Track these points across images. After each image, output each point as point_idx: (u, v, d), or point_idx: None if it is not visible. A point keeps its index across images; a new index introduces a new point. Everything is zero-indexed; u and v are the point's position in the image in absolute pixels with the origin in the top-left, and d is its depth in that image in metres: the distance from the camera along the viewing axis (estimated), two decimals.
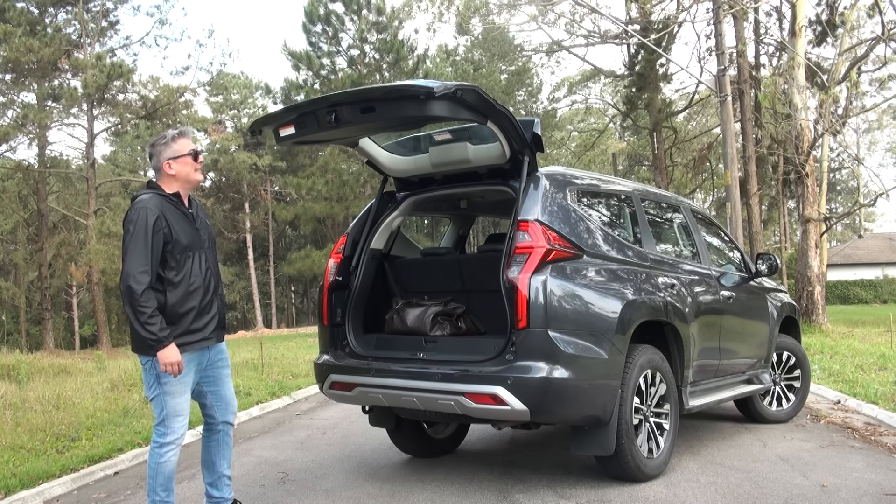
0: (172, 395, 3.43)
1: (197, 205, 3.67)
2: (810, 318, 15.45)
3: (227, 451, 3.73)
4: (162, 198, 3.46)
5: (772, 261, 5.84)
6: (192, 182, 3.59)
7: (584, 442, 4.07)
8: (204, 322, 3.52)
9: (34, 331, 34.04)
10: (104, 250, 24.63)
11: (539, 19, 23.04)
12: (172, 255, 3.40)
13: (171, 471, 3.46)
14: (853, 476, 4.36)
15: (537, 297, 3.69)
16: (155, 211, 3.35)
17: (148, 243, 3.29)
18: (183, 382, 3.45)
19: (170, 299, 3.39)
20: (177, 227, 3.42)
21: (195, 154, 3.56)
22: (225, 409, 3.71)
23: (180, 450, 3.53)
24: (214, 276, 3.59)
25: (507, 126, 3.92)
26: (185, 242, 3.44)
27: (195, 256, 3.49)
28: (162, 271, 3.39)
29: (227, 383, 3.73)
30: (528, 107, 39.77)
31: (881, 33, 15.08)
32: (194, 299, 3.46)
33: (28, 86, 26.97)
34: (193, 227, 3.53)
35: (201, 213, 3.67)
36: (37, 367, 12.43)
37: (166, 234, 3.37)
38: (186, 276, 3.44)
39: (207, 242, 3.60)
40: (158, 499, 3.46)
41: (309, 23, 28.19)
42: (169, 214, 3.42)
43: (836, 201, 53.25)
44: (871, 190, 32.42)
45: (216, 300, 3.59)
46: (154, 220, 3.33)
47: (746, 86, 18.76)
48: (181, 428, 3.47)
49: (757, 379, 5.70)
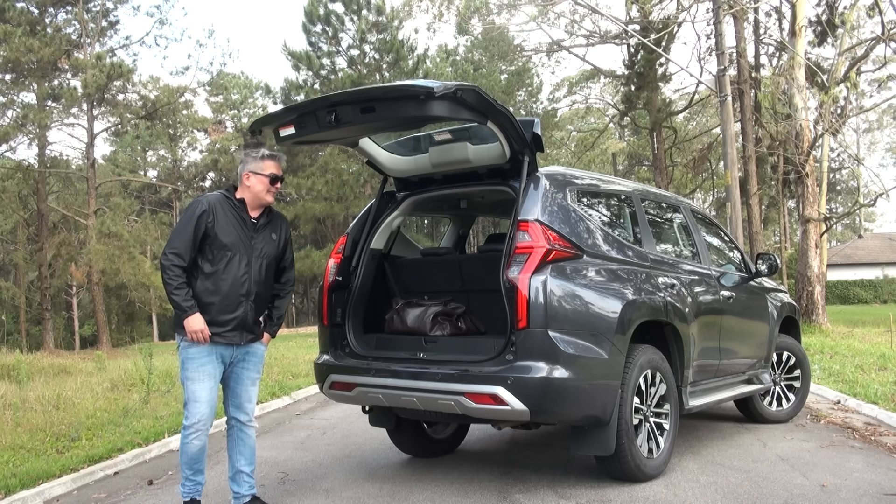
0: (191, 381, 3.67)
1: (275, 221, 3.91)
2: (810, 318, 15.45)
3: (243, 447, 3.90)
4: (225, 198, 3.77)
5: (772, 261, 5.84)
6: (260, 200, 3.82)
7: (584, 442, 4.07)
8: (224, 319, 3.69)
9: (34, 331, 34.02)
10: (104, 250, 24.62)
11: (539, 19, 23.07)
12: (210, 248, 3.66)
13: (193, 453, 3.71)
14: (853, 476, 4.36)
15: (537, 297, 3.69)
16: (205, 205, 3.67)
17: (189, 228, 3.60)
18: (202, 371, 3.67)
19: (197, 286, 3.66)
20: (223, 225, 3.68)
21: (274, 178, 3.81)
22: (235, 406, 3.89)
23: (207, 437, 3.73)
24: (252, 283, 3.76)
25: (507, 126, 3.91)
26: (225, 241, 3.68)
27: (235, 258, 3.71)
28: (199, 260, 3.67)
29: (245, 384, 3.90)
30: (528, 107, 39.77)
31: (881, 33, 15.09)
32: (219, 294, 3.67)
33: (28, 86, 26.95)
34: (246, 233, 3.76)
35: (273, 228, 3.88)
36: (37, 367, 12.44)
37: (209, 228, 3.64)
38: (218, 272, 3.67)
39: (261, 252, 3.79)
40: (184, 476, 3.79)
41: (309, 23, 28.19)
42: (222, 213, 3.69)
43: (836, 201, 53.24)
44: (871, 190, 32.39)
45: (245, 304, 3.74)
46: (202, 211, 3.64)
47: (746, 86, 18.75)
48: (198, 414, 3.66)
49: (757, 379, 5.71)
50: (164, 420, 6.65)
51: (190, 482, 3.81)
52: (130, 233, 26.70)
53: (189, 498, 3.84)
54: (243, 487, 3.91)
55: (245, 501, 3.90)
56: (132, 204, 36.45)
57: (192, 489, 3.84)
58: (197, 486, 3.85)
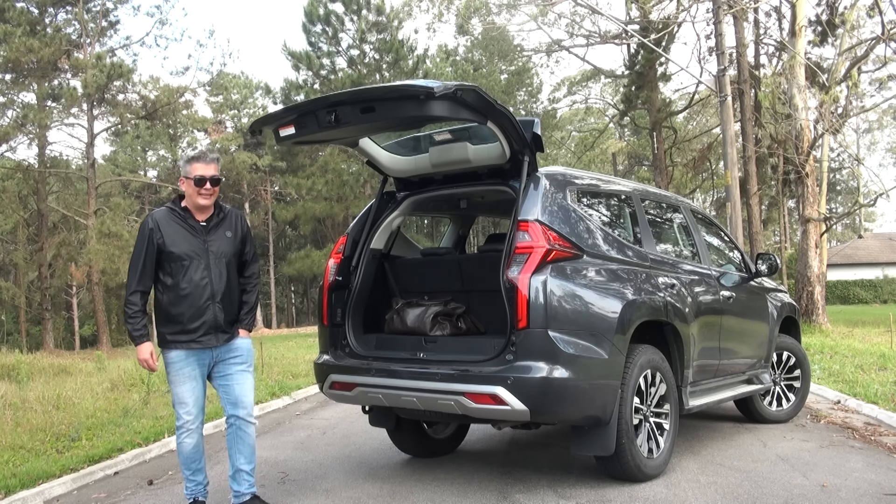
0: (174, 384, 3.83)
1: (228, 219, 3.90)
2: (810, 318, 15.45)
3: (242, 446, 3.92)
4: (170, 210, 3.83)
5: (772, 261, 5.83)
6: (194, 203, 3.80)
7: (584, 442, 4.07)
8: (195, 325, 3.77)
9: (34, 331, 34.04)
10: (104, 250, 24.62)
11: (539, 19, 23.06)
12: (167, 261, 3.76)
13: (188, 452, 3.84)
14: (853, 476, 4.36)
15: (537, 297, 3.69)
16: (151, 223, 3.76)
17: (140, 253, 3.74)
18: (182, 374, 3.79)
19: (163, 300, 3.80)
20: (172, 237, 3.74)
21: (199, 180, 3.75)
22: (232, 403, 3.91)
23: (200, 436, 3.86)
24: (213, 285, 3.79)
25: (507, 126, 3.91)
26: (178, 252, 3.74)
27: (192, 266, 3.76)
28: (160, 275, 3.79)
29: (237, 380, 3.92)
30: (528, 107, 39.76)
31: (881, 33, 15.09)
32: (184, 304, 3.75)
33: (28, 86, 26.96)
34: (198, 239, 3.79)
35: (226, 227, 3.88)
36: (37, 367, 12.44)
37: (160, 244, 3.73)
38: (178, 282, 3.75)
39: (218, 254, 3.81)
40: (185, 477, 3.93)
41: (309, 23, 28.20)
42: (168, 226, 3.76)
43: (836, 201, 53.25)
44: (871, 190, 32.41)
45: (211, 307, 3.79)
46: (149, 229, 3.74)
47: (746, 86, 18.74)
48: (185, 415, 3.81)
49: (757, 379, 5.70)
50: (164, 420, 6.65)
51: (191, 482, 3.91)
52: (130, 233, 26.64)
53: (192, 498, 3.90)
54: (243, 486, 3.92)
55: (245, 500, 3.89)
56: (132, 204, 36.45)
57: (194, 490, 3.91)
58: (197, 487, 3.90)
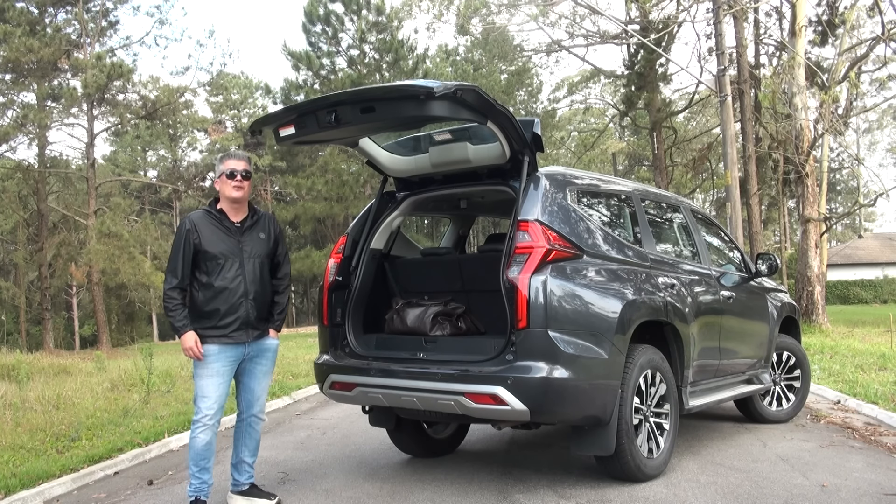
0: (200, 377, 3.91)
1: (261, 220, 4.10)
2: (810, 318, 15.45)
3: (249, 440, 4.13)
4: (206, 213, 4.01)
5: (772, 261, 5.84)
6: (229, 198, 3.98)
7: (584, 442, 4.07)
8: (228, 321, 3.91)
9: (34, 331, 34.02)
10: (104, 250, 24.61)
11: (539, 19, 23.05)
12: (204, 261, 3.91)
13: (200, 448, 3.86)
14: (853, 476, 4.36)
15: (537, 297, 3.69)
16: (188, 224, 3.91)
17: (178, 252, 3.88)
18: (211, 368, 3.89)
19: (198, 298, 3.92)
20: (209, 238, 3.90)
21: (231, 174, 3.95)
22: (249, 402, 4.10)
23: (214, 434, 3.91)
24: (248, 283, 3.97)
25: (507, 126, 3.92)
26: (214, 251, 3.90)
27: (226, 264, 3.92)
28: (196, 274, 3.92)
29: (260, 380, 4.12)
30: (528, 107, 39.76)
31: (881, 33, 15.10)
32: (218, 300, 3.90)
33: (28, 86, 26.94)
34: (233, 239, 3.97)
35: (259, 228, 4.08)
36: (37, 367, 12.43)
37: (197, 245, 3.89)
38: (214, 280, 3.90)
39: (251, 254, 4.00)
40: (191, 474, 3.93)
41: (309, 23, 28.20)
42: (205, 227, 3.92)
43: (836, 201, 53.27)
44: (871, 190, 32.45)
45: (244, 304, 3.95)
46: (187, 230, 3.89)
47: (746, 86, 18.74)
48: (207, 409, 3.86)
49: (757, 379, 5.71)
50: (164, 420, 6.65)
51: (196, 480, 3.91)
52: (130, 233, 26.69)
53: (194, 497, 3.90)
54: (244, 476, 4.13)
55: (243, 489, 4.12)
56: (132, 204, 36.46)
57: (198, 488, 3.91)
58: (202, 486, 3.91)
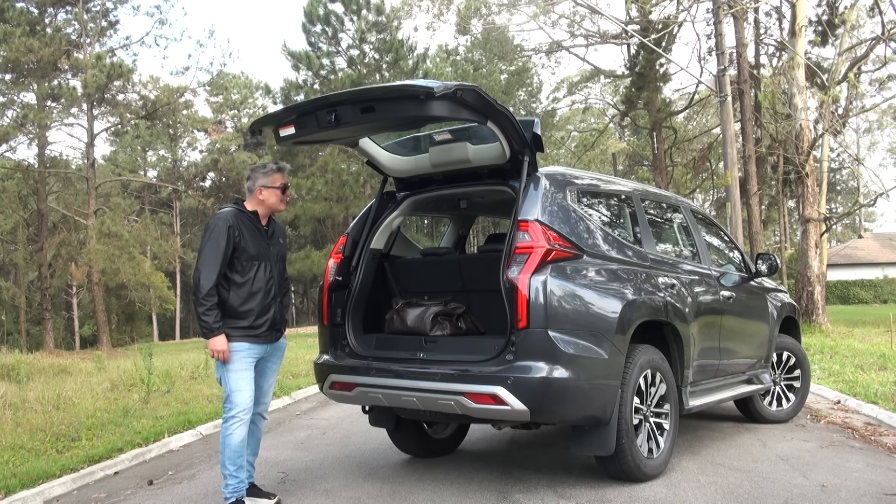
0: (234, 372, 3.89)
1: (276, 226, 4.22)
2: (810, 318, 15.45)
3: (251, 438, 4.08)
4: (239, 212, 4.00)
5: (772, 261, 5.83)
6: (275, 209, 4.13)
7: (584, 442, 4.07)
8: (261, 321, 3.97)
9: (34, 331, 34.02)
10: (104, 250, 24.62)
11: (539, 19, 23.06)
12: (240, 260, 3.92)
13: (237, 444, 3.85)
14: (853, 476, 4.36)
15: (537, 297, 3.69)
16: (230, 220, 3.89)
17: (220, 248, 3.82)
18: (244, 362, 3.92)
19: (231, 298, 3.90)
20: (248, 237, 3.94)
21: (284, 188, 4.11)
22: (256, 399, 4.05)
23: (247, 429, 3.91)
24: (276, 284, 4.07)
25: (507, 126, 3.92)
26: (252, 252, 3.95)
27: (261, 265, 3.99)
28: (229, 273, 3.91)
29: (269, 378, 4.20)
30: (528, 107, 39.77)
31: (881, 33, 15.10)
32: (253, 301, 3.95)
33: (28, 86, 26.96)
34: (264, 242, 4.05)
35: (278, 233, 4.21)
36: (37, 367, 12.43)
37: (236, 242, 3.89)
38: (250, 281, 3.95)
39: (276, 257, 4.12)
40: (228, 472, 3.87)
41: (309, 23, 28.19)
42: (243, 226, 3.95)
43: (836, 201, 53.26)
44: (871, 190, 32.45)
45: (274, 305, 4.05)
46: (229, 226, 3.87)
47: (746, 86, 18.74)
48: (243, 402, 3.87)
49: (757, 379, 5.70)
50: (164, 420, 6.65)
51: (234, 479, 3.86)
52: (130, 233, 26.72)
53: (234, 498, 3.86)
54: (244, 475, 4.04)
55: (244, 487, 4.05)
56: (132, 204, 36.48)
57: (236, 487, 3.87)
58: (240, 485, 3.89)
